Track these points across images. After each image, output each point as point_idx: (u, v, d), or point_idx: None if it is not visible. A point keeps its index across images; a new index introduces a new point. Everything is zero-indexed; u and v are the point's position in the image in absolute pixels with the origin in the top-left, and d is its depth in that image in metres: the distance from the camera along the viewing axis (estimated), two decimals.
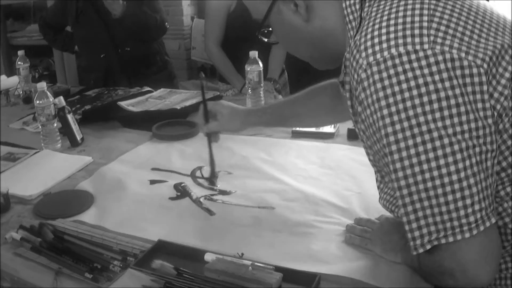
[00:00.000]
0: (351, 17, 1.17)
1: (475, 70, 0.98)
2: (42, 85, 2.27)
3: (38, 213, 1.68)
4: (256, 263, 1.29)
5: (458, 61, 0.98)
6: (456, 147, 0.97)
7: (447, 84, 0.97)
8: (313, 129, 2.25)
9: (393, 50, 1.00)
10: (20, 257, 1.45)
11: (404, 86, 0.98)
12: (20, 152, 2.22)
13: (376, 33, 1.04)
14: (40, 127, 2.30)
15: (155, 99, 2.89)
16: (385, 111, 1.01)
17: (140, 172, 1.97)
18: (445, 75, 0.97)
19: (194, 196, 1.75)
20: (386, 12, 1.06)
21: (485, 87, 0.99)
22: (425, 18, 1.02)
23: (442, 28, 1.01)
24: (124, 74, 3.37)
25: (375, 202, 1.61)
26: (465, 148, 0.98)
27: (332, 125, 2.25)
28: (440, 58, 0.98)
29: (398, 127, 1.00)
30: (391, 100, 1.00)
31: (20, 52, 3.25)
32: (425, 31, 1.00)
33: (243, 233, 1.52)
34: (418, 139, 0.98)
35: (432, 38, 0.99)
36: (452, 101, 0.97)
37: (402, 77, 0.98)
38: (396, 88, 0.99)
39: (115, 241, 1.46)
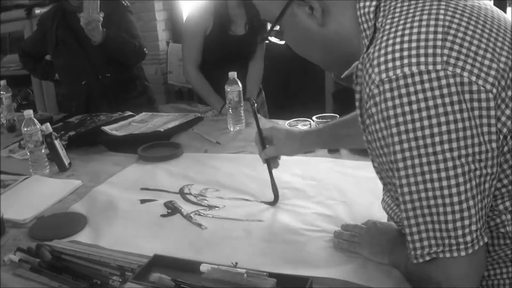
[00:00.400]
0: (365, 25, 1.18)
1: (483, 96, 1.01)
2: (29, 112, 2.32)
3: (33, 236, 1.73)
4: (250, 271, 1.35)
5: (468, 85, 1.00)
6: (459, 170, 1.02)
7: (456, 107, 1.00)
8: None
9: (406, 69, 1.01)
10: (20, 277, 1.49)
11: (415, 107, 1.01)
12: (9, 178, 2.26)
13: (390, 49, 1.05)
14: (28, 153, 2.35)
15: (137, 122, 2.95)
16: (394, 130, 1.04)
17: (130, 192, 2.03)
18: (455, 98, 0.99)
19: (184, 212, 1.80)
20: (400, 27, 1.07)
21: (492, 112, 1.02)
22: (439, 36, 1.03)
23: (456, 47, 1.02)
24: (105, 99, 3.41)
25: (360, 209, 1.71)
26: (467, 171, 1.02)
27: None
28: (451, 80, 0.99)
29: (405, 145, 1.03)
30: (400, 119, 1.02)
31: (2, 82, 3.30)
32: (438, 51, 1.01)
33: (235, 244, 1.58)
34: (424, 160, 1.02)
35: (445, 58, 1.01)
36: (459, 125, 1.00)
37: (413, 98, 1.00)
38: (407, 108, 1.01)
39: (112, 257, 1.51)
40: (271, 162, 1.87)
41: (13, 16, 5.25)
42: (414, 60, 1.01)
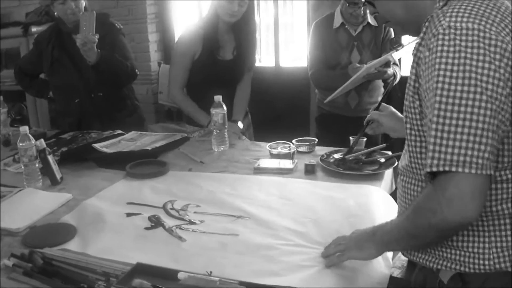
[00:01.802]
0: None
1: None
2: (25, 128, 2.46)
3: (26, 243, 1.87)
4: (223, 279, 1.50)
5: (510, 53, 1.29)
6: (489, 105, 1.26)
7: (497, 62, 1.28)
8: (273, 165, 2.49)
9: (470, 24, 1.30)
10: (14, 280, 1.63)
11: (469, 50, 1.28)
12: (4, 190, 2.40)
13: (462, 8, 1.34)
14: (22, 167, 2.49)
15: (127, 141, 3.10)
16: (450, 60, 1.29)
17: (117, 206, 2.17)
18: (498, 56, 1.28)
19: (166, 226, 1.95)
20: (479, 3, 1.36)
21: None
22: (506, 18, 1.34)
23: (510, 27, 1.33)
24: (97, 118, 3.53)
25: (329, 227, 1.87)
26: (494, 109, 1.27)
27: (291, 161, 2.49)
28: (499, 43, 1.29)
29: (454, 74, 1.28)
30: (457, 54, 1.29)
31: None
32: (496, 25, 1.31)
33: (211, 256, 1.73)
34: (465, 88, 1.27)
35: (500, 29, 1.31)
36: (497, 74, 1.27)
37: (470, 44, 1.28)
38: (463, 49, 1.29)
39: (98, 264, 1.65)
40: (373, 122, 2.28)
41: (10, 33, 5.34)
42: (477, 21, 1.31)
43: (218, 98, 2.85)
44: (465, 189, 1.26)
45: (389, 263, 1.71)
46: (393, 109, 2.23)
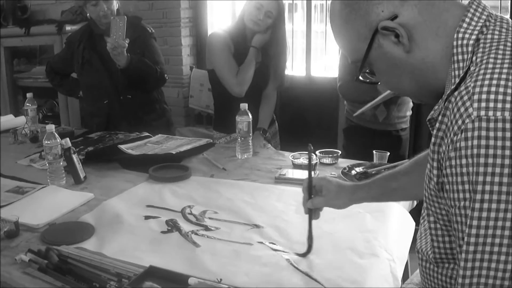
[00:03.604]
0: (460, 57, 1.18)
1: None
2: (51, 127, 2.51)
3: (44, 240, 1.91)
4: (232, 287, 1.51)
5: None
6: None
7: None
8: (294, 176, 2.50)
9: (507, 114, 1.01)
10: (28, 275, 1.67)
11: (508, 152, 0.99)
12: (28, 186, 2.45)
13: (493, 88, 1.04)
14: (47, 164, 2.54)
15: (152, 143, 3.14)
16: (482, 169, 1.01)
17: (136, 208, 2.20)
18: None
19: (183, 231, 1.97)
20: (505, 67, 1.08)
21: None
22: None
23: None
24: (125, 119, 3.58)
25: (344, 242, 1.85)
26: None
27: (313, 172, 2.48)
28: None
29: (488, 188, 1.01)
30: (490, 160, 1.00)
31: (29, 95, 3.51)
32: None
33: (223, 263, 1.74)
34: (502, 206, 1.00)
35: None
36: None
37: (508, 143, 0.99)
38: (499, 152, 1.00)
39: (112, 265, 1.68)
40: (313, 212, 1.82)
41: (45, 30, 5.43)
42: None
43: (244, 106, 2.87)
44: None
45: (398, 282, 1.70)
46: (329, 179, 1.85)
